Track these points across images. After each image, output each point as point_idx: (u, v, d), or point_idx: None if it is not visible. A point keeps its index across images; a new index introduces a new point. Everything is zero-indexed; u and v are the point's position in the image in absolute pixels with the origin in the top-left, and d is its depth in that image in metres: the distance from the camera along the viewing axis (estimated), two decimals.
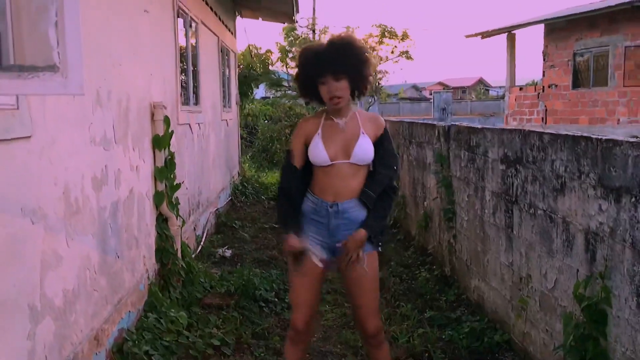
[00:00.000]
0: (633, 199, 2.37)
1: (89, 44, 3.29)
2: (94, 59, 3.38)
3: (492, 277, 4.14)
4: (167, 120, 4.71)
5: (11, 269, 2.37)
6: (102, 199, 3.43)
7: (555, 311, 3.15)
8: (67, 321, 2.88)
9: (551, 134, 3.12)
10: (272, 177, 12.39)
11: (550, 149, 3.12)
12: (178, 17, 5.78)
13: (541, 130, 3.29)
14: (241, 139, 13.56)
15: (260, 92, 20.96)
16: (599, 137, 2.64)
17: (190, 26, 6.56)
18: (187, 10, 6.19)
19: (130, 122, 4.03)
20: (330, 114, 2.82)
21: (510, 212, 3.75)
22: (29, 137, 2.53)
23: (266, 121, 15.33)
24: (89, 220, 3.21)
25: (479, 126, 4.39)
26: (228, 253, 6.39)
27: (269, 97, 20.55)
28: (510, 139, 3.69)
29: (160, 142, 4.60)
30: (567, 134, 2.96)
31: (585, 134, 2.79)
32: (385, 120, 2.99)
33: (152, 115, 4.57)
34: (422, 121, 6.46)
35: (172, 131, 4.81)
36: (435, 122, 5.78)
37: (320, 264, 2.78)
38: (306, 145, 2.84)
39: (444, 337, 3.99)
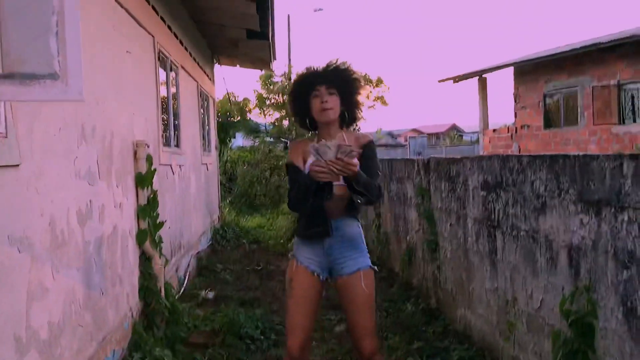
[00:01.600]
0: (612, 210, 2.45)
1: None
2: None
3: (477, 305, 4.17)
4: (149, 159, 4.73)
5: None
6: (87, 233, 3.42)
7: (543, 331, 3.18)
8: (53, 355, 2.83)
9: (529, 155, 3.23)
10: (252, 221, 12.37)
11: (529, 170, 3.21)
12: (159, 60, 5.88)
13: (519, 154, 3.39)
14: (220, 184, 13.58)
15: (237, 141, 21.13)
16: (576, 154, 2.74)
17: (171, 69, 6.67)
18: (167, 54, 6.30)
19: (114, 158, 4.06)
20: (321, 137, 2.89)
21: (493, 236, 3.81)
22: (17, 165, 2.54)
23: (245, 167, 15.40)
24: (74, 254, 3.19)
25: (458, 156, 4.50)
26: (211, 295, 6.32)
27: (245, 147, 20.70)
28: (490, 164, 3.79)
29: (143, 180, 4.61)
30: (544, 155, 3.06)
31: (562, 153, 2.89)
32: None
33: (135, 153, 4.59)
34: (402, 157, 6.58)
35: (155, 169, 4.83)
36: (414, 157, 5.89)
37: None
38: None
39: None
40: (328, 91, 2.81)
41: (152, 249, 4.68)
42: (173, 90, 6.97)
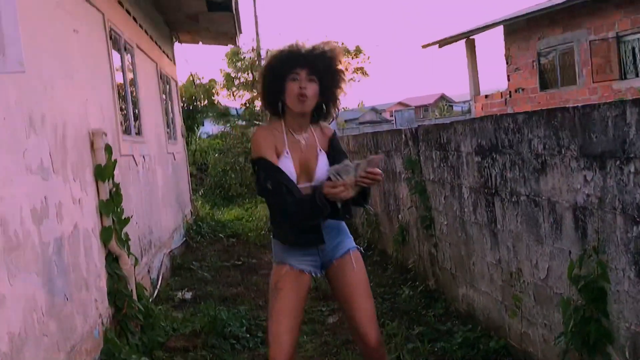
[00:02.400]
0: (618, 162, 2.47)
1: None
2: (23, 79, 3.36)
3: (480, 281, 4.21)
4: (108, 149, 4.67)
5: None
6: (45, 234, 3.38)
7: (552, 301, 3.22)
8: None
9: (525, 112, 3.24)
10: (229, 213, 12.33)
11: (526, 128, 3.23)
12: (111, 39, 5.80)
13: (514, 112, 3.40)
14: (191, 176, 13.51)
15: (206, 130, 21.02)
16: (575, 105, 2.76)
17: (125, 50, 6.58)
18: (120, 33, 6.21)
19: (69, 150, 4.00)
20: (289, 127, 2.82)
21: (491, 205, 3.84)
22: None
23: (216, 155, 15.31)
24: (31, 257, 3.15)
25: (448, 121, 4.51)
26: (188, 295, 6.31)
27: (216, 134, 20.57)
28: (482, 127, 3.81)
29: (102, 173, 4.56)
30: (541, 110, 3.07)
31: (560, 106, 2.91)
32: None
33: (92, 144, 4.53)
34: (386, 129, 6.59)
35: (115, 160, 4.77)
36: (400, 127, 5.90)
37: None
38: None
39: (436, 350, 4.01)
40: (308, 77, 2.72)
41: (119, 247, 4.64)
42: (130, 73, 6.88)
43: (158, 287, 6.28)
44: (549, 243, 3.17)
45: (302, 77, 2.71)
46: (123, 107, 6.32)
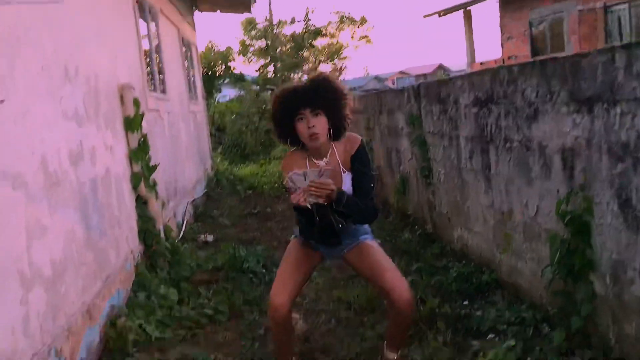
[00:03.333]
0: (605, 105, 2.44)
1: (51, 18, 3.25)
2: (58, 33, 3.34)
3: (474, 223, 4.21)
4: (136, 102, 4.67)
5: None
6: (81, 174, 3.40)
7: (539, 237, 3.23)
8: (58, 292, 2.85)
9: (520, 64, 3.19)
10: (245, 169, 12.35)
11: (520, 79, 3.19)
12: (137, 2, 5.73)
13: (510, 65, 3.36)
14: (210, 136, 13.49)
15: (222, 94, 20.90)
16: (566, 54, 2.71)
17: (150, 13, 6.51)
18: None
19: (101, 101, 3.99)
20: (311, 155, 2.73)
21: (486, 152, 3.82)
22: (2, 101, 2.49)
23: (233, 117, 15.25)
24: (69, 194, 3.18)
25: (449, 77, 4.46)
26: (210, 238, 6.36)
27: (231, 99, 20.43)
28: (480, 80, 3.76)
29: (131, 124, 4.56)
30: (534, 60, 3.03)
31: (551, 56, 2.86)
32: (360, 138, 2.79)
33: (121, 97, 4.53)
34: (390, 88, 6.52)
35: (143, 113, 4.77)
36: (403, 86, 5.84)
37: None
38: None
39: (432, 283, 4.04)
40: (313, 113, 2.60)
41: (147, 192, 4.68)
42: (154, 37, 6.82)
43: (183, 230, 6.33)
44: (538, 184, 3.16)
45: (307, 116, 2.60)
46: (149, 66, 6.29)
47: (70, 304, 3.00)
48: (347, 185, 2.66)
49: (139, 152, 4.61)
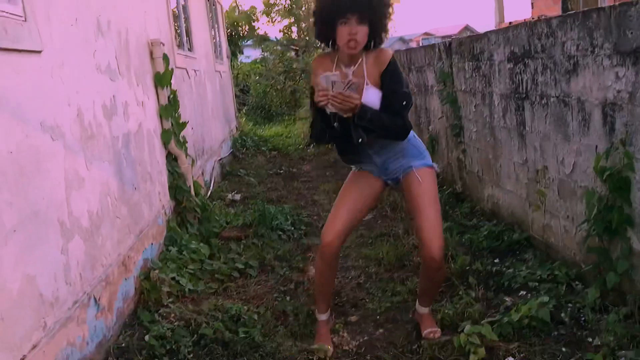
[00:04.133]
0: None
1: None
2: None
3: (506, 181, 4.17)
4: (166, 58, 4.66)
5: (39, 182, 2.38)
6: (114, 128, 3.42)
7: (575, 194, 3.19)
8: (95, 243, 2.91)
9: (560, 15, 3.11)
10: (270, 130, 12.35)
11: (560, 31, 3.10)
12: None
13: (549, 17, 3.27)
14: (235, 96, 13.46)
15: (245, 54, 20.75)
16: (612, 4, 2.63)
17: None
18: None
19: (131, 56, 3.99)
20: (340, 60, 2.69)
21: (521, 109, 3.75)
22: (40, 52, 2.51)
23: (257, 77, 15.18)
24: (104, 147, 3.21)
25: (482, 32, 4.36)
26: (237, 197, 6.41)
27: (254, 60, 20.27)
28: (516, 34, 3.67)
29: (161, 80, 4.56)
30: (576, 12, 2.94)
31: (596, 7, 2.77)
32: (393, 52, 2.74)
33: (151, 53, 4.52)
34: (420, 45, 6.41)
35: (172, 69, 4.76)
36: (434, 42, 5.73)
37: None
38: None
39: (463, 240, 4.04)
40: (359, 21, 2.54)
41: (177, 148, 4.70)
42: None
43: (211, 188, 6.39)
44: (576, 140, 3.10)
45: (352, 22, 2.55)
46: (176, 24, 6.26)
47: (107, 255, 3.06)
48: (368, 99, 2.60)
49: (169, 109, 4.62)
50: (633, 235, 2.66)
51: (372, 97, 2.62)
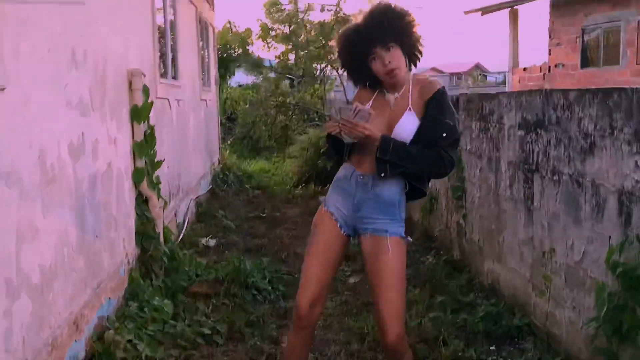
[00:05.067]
0: None
1: None
2: (70, 11, 3.32)
3: (508, 257, 4.14)
4: (146, 90, 4.65)
5: None
6: (80, 169, 3.38)
7: (583, 285, 3.15)
8: (45, 301, 2.83)
9: (578, 90, 3.12)
10: (255, 165, 12.33)
11: (577, 106, 3.12)
12: None
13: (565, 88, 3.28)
14: (221, 124, 13.47)
15: (236, 78, 20.89)
16: (635, 87, 2.64)
17: None
18: None
19: (108, 88, 3.97)
20: (384, 87, 2.73)
21: (530, 182, 3.75)
22: (3, 89, 2.47)
23: (247, 106, 15.24)
24: (66, 192, 3.16)
25: (487, 91, 4.39)
26: (212, 242, 6.35)
27: (247, 84, 20.42)
28: (530, 100, 3.69)
29: (139, 114, 4.54)
30: (596, 88, 2.96)
31: (617, 87, 2.79)
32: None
33: (130, 83, 4.50)
34: None
35: (152, 102, 4.75)
36: None
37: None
38: None
39: (457, 321, 3.98)
40: (385, 48, 2.58)
41: (149, 190, 4.66)
42: (170, 16, 6.80)
43: (183, 231, 6.32)
44: (587, 226, 3.09)
45: (381, 54, 2.59)
46: (162, 49, 6.28)
47: (57, 314, 2.98)
48: (406, 127, 2.61)
49: (144, 146, 4.59)
50: None
51: (409, 124, 2.63)
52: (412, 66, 2.73)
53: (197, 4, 8.65)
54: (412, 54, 2.70)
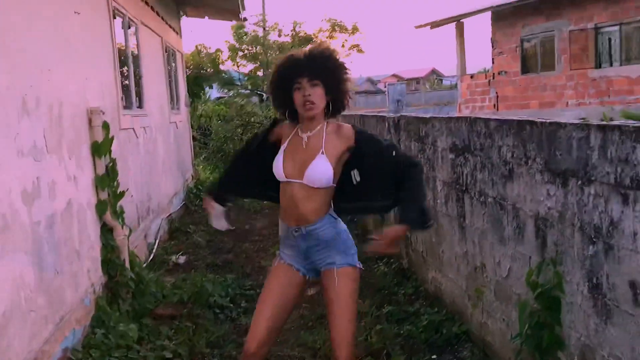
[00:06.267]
0: (579, 182, 2.32)
1: (9, 49, 3.09)
2: (17, 64, 3.18)
3: (448, 268, 4.10)
4: (106, 126, 4.51)
5: None
6: (35, 213, 3.24)
7: (510, 300, 3.11)
8: None
9: (497, 119, 3.08)
10: None
11: (497, 135, 3.07)
12: (114, 18, 5.56)
13: (488, 116, 3.24)
14: (195, 140, 13.27)
15: (215, 92, 20.68)
16: (543, 120, 2.60)
17: (129, 27, 6.33)
18: (124, 11, 5.96)
19: (65, 129, 3.83)
20: (300, 127, 2.64)
21: (461, 200, 3.70)
22: None
23: (219, 121, 15.06)
24: (20, 237, 3.02)
25: (428, 116, 4.34)
26: (182, 259, 6.21)
27: (223, 97, 20.24)
28: (458, 127, 3.64)
29: (99, 149, 4.40)
30: (512, 119, 2.91)
31: (529, 118, 2.75)
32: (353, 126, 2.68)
33: (90, 121, 4.36)
34: (373, 114, 6.40)
35: (113, 137, 4.60)
36: (385, 115, 5.71)
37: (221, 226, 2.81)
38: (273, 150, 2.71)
39: (402, 332, 3.91)
40: (311, 83, 2.52)
41: (113, 220, 4.51)
42: (133, 49, 6.64)
43: (154, 251, 6.17)
44: (511, 245, 3.04)
45: (304, 85, 2.52)
46: (126, 81, 6.12)
47: (15, 355, 2.84)
48: (315, 169, 2.53)
49: (106, 179, 4.44)
50: (563, 358, 2.58)
51: (321, 167, 2.53)
52: (334, 112, 2.63)
53: (163, 34, 8.49)
54: (336, 102, 2.61)
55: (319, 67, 2.55)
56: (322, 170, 2.53)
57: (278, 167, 2.62)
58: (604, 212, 2.18)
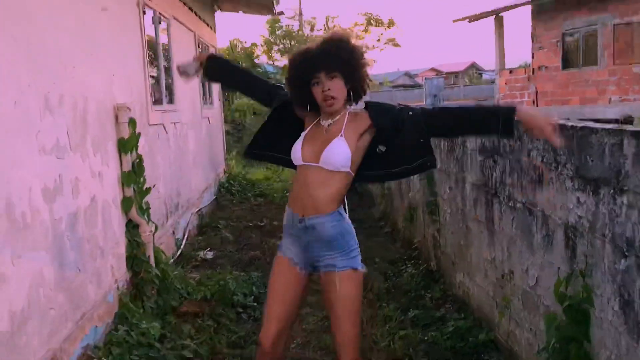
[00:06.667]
0: (611, 191, 2.18)
1: (33, 47, 3.09)
2: (40, 61, 3.18)
3: (476, 273, 3.97)
4: (132, 122, 4.50)
5: None
6: (57, 210, 3.24)
7: (538, 310, 2.98)
8: (16, 345, 2.70)
9: None
10: (259, 173, 12.17)
11: (526, 137, 2.93)
12: (144, 14, 5.56)
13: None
14: (228, 134, 13.31)
15: None
16: (574, 124, 2.46)
17: (160, 22, 6.34)
18: (153, 6, 5.96)
19: (90, 126, 3.83)
20: (322, 116, 2.58)
21: (490, 204, 3.57)
22: None
23: (253, 116, 15.08)
24: (40, 235, 3.02)
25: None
26: (210, 255, 6.21)
27: None
28: None
29: (125, 146, 4.40)
30: None
31: (561, 122, 2.60)
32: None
33: (116, 117, 4.36)
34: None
35: (139, 133, 4.60)
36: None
37: None
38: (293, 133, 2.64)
39: (426, 338, 3.80)
40: (329, 76, 2.44)
41: (139, 216, 4.51)
42: (165, 43, 6.65)
43: (182, 246, 6.18)
44: (540, 254, 2.90)
45: (322, 80, 2.45)
46: (156, 77, 6.13)
47: (32, 354, 2.85)
48: (332, 150, 2.45)
49: (132, 176, 4.44)
50: None
51: (338, 148, 2.46)
52: (355, 97, 2.56)
53: (195, 28, 8.49)
54: (355, 88, 2.53)
55: (335, 58, 2.47)
56: (339, 151, 2.45)
57: (297, 150, 2.56)
58: (638, 224, 2.03)
